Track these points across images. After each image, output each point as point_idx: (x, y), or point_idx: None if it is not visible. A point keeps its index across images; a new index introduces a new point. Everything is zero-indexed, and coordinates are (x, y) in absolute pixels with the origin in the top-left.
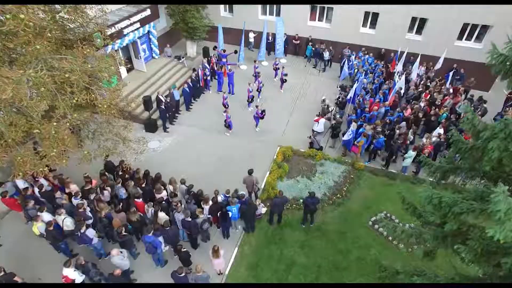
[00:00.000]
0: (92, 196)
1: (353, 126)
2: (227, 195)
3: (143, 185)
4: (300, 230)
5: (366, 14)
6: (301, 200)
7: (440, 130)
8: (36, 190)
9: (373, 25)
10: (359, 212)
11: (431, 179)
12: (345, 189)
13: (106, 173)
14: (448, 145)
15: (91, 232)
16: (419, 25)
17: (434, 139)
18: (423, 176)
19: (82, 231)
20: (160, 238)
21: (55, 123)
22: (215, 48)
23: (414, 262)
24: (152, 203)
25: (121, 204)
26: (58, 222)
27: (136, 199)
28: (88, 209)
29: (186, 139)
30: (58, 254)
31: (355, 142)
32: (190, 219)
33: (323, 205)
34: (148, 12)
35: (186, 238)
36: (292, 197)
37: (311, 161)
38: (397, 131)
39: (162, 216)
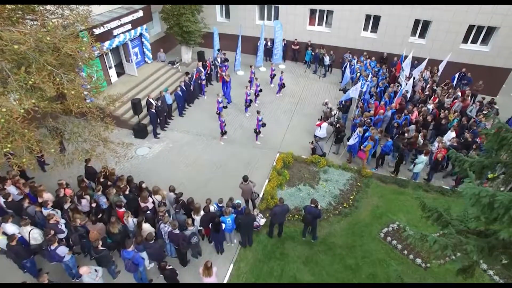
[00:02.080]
0: (66, 206)
1: (359, 130)
2: (221, 205)
3: (126, 192)
4: (304, 244)
5: (367, 17)
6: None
7: (452, 134)
8: (1, 199)
9: (374, 28)
10: (369, 223)
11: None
12: (352, 198)
13: (86, 179)
14: (462, 149)
15: (62, 250)
16: (422, 28)
17: (448, 143)
18: (436, 184)
19: (52, 247)
20: (143, 254)
21: (4, 110)
22: (219, 50)
23: (433, 280)
24: (130, 212)
25: (102, 214)
26: (24, 235)
27: (118, 208)
28: (62, 221)
29: (178, 145)
30: (24, 275)
31: (362, 147)
32: (178, 231)
33: (328, 216)
34: (140, 13)
35: (174, 254)
36: (294, 207)
37: (314, 168)
38: (406, 135)
39: (147, 227)
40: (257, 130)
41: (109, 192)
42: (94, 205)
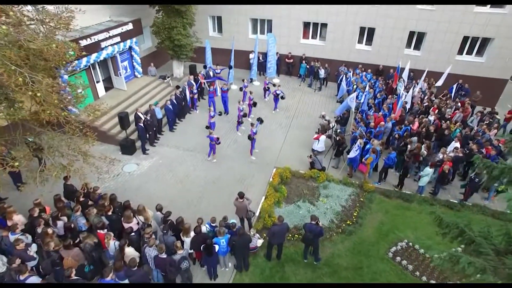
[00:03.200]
0: (40, 229)
1: (359, 142)
2: (213, 224)
3: (109, 213)
4: (305, 267)
5: (362, 30)
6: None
7: (456, 144)
8: None
9: (369, 41)
10: (375, 242)
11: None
12: (355, 214)
13: (65, 199)
14: (468, 161)
15: (33, 281)
16: (417, 40)
17: (452, 154)
18: (444, 197)
19: (21, 278)
20: (125, 282)
21: None
22: (205, 67)
23: None
24: (112, 234)
25: (80, 238)
26: None
27: (99, 230)
28: (33, 247)
29: (168, 161)
30: None
31: (363, 160)
32: (165, 256)
33: (331, 235)
34: (129, 26)
35: (161, 281)
36: (293, 226)
37: (313, 183)
38: (409, 146)
39: (130, 252)
40: (252, 137)
41: (89, 212)
42: (72, 225)
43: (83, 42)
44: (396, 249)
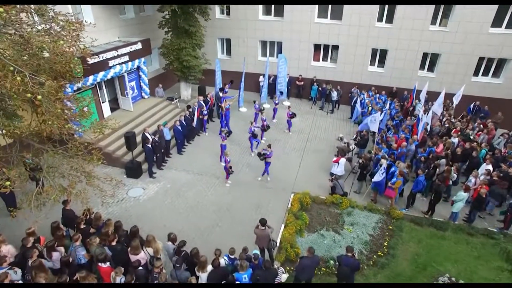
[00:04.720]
0: (30, 262)
1: (384, 163)
2: (232, 257)
3: (114, 243)
4: None
5: (374, 51)
6: (331, 262)
7: (488, 167)
8: None
9: (381, 63)
10: (412, 276)
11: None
12: (385, 244)
13: (63, 226)
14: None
15: None
16: (431, 62)
17: (482, 177)
18: (481, 225)
19: None
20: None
21: None
22: (222, 89)
23: None
24: (122, 269)
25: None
26: None
27: (100, 263)
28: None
29: (176, 186)
30: None
31: (389, 184)
32: None
33: (362, 267)
34: (138, 45)
35: None
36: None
37: (335, 209)
38: (438, 170)
39: None
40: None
41: (90, 242)
42: (70, 260)
43: (91, 60)
44: (437, 284)
